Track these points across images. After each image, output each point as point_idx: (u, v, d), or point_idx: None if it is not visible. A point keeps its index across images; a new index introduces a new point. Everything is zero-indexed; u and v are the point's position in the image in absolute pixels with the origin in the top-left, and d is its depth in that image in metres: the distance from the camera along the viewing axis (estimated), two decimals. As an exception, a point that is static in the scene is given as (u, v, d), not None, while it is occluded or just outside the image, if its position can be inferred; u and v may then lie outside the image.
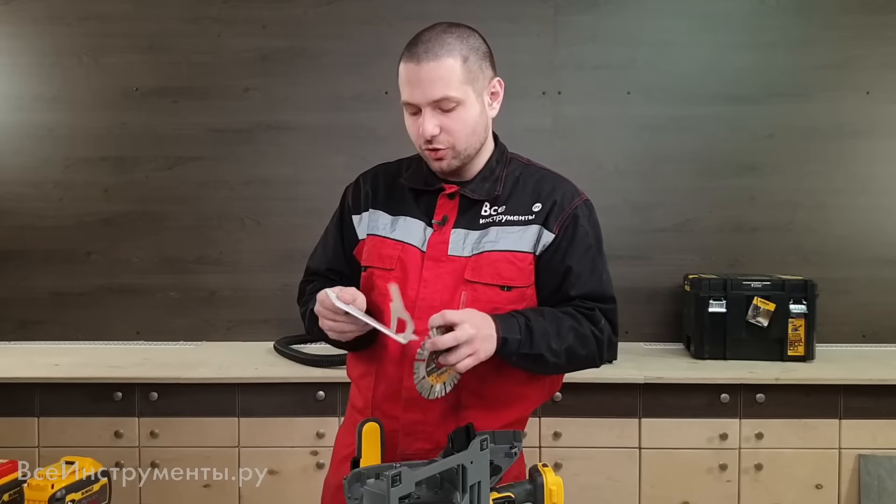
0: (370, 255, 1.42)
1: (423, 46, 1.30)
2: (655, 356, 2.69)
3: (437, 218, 1.39)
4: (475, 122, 1.35)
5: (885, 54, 2.86)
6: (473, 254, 1.36)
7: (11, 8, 2.91)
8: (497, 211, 1.39)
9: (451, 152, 1.35)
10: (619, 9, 2.89)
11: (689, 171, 2.90)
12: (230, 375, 2.42)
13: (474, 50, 1.34)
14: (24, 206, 2.93)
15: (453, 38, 1.32)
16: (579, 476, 2.35)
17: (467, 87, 1.32)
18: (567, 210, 1.39)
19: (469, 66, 1.32)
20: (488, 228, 1.37)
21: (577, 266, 1.38)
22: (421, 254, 1.37)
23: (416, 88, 1.30)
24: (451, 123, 1.32)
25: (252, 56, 2.91)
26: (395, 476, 0.91)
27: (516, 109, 2.91)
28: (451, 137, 1.33)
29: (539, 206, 1.39)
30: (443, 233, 1.38)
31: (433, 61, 1.29)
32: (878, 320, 2.89)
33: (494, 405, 1.38)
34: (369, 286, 1.40)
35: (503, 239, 1.36)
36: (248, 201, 2.94)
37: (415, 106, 1.32)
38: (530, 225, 1.37)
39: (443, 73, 1.29)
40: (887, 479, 2.33)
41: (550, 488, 1.14)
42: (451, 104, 1.31)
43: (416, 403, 1.34)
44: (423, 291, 1.35)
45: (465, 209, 1.39)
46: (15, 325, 2.95)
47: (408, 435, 1.35)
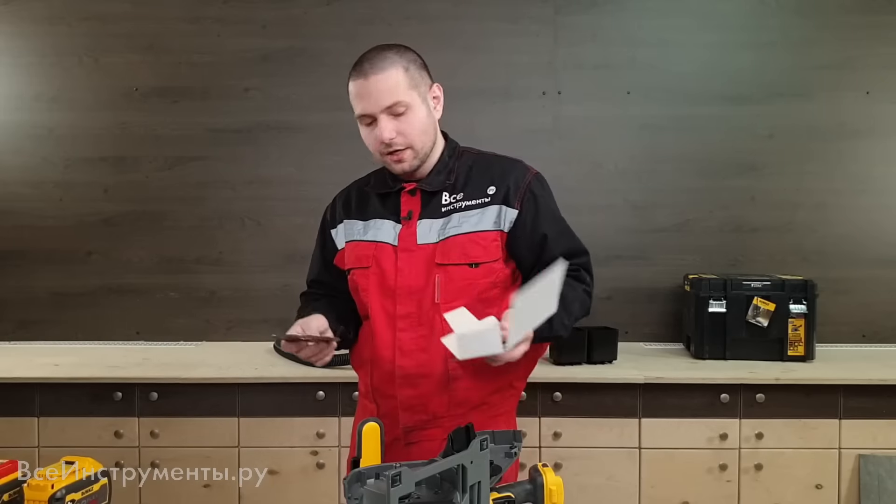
0: (350, 258, 1.58)
1: (368, 63, 1.47)
2: (655, 356, 2.68)
3: (403, 214, 1.54)
4: (425, 123, 1.51)
5: (884, 54, 2.86)
6: (440, 239, 1.50)
7: (11, 8, 2.91)
8: (456, 199, 1.54)
9: (409, 152, 1.50)
10: (619, 9, 2.89)
11: (690, 171, 2.90)
12: (230, 375, 2.42)
13: (412, 61, 1.50)
14: (24, 206, 2.93)
15: (392, 53, 1.49)
16: (579, 476, 2.35)
17: (413, 92, 1.48)
18: (522, 186, 1.54)
19: (411, 74, 1.49)
20: (450, 215, 1.52)
21: (551, 231, 1.54)
22: (393, 248, 1.52)
23: (367, 99, 1.46)
24: (404, 126, 1.48)
25: (252, 56, 2.91)
26: (395, 476, 0.91)
27: (516, 109, 2.93)
28: (406, 138, 1.48)
29: (493, 188, 1.53)
30: (410, 226, 1.53)
31: (379, 73, 1.45)
32: (878, 320, 2.89)
33: (480, 373, 1.50)
34: (354, 286, 1.58)
35: (465, 223, 1.51)
36: (248, 201, 2.94)
37: (369, 116, 1.48)
38: (488, 206, 1.52)
39: (390, 82, 1.46)
40: (887, 479, 2.33)
41: (550, 488, 1.14)
42: (402, 108, 1.47)
43: (408, 381, 1.51)
44: (400, 280, 1.50)
45: (427, 202, 1.54)
46: (15, 325, 2.95)
47: (406, 409, 1.51)
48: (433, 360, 1.49)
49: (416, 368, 1.49)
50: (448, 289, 1.48)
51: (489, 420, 1.52)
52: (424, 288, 1.49)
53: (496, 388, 1.56)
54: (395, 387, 1.51)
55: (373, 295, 1.52)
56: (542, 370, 2.44)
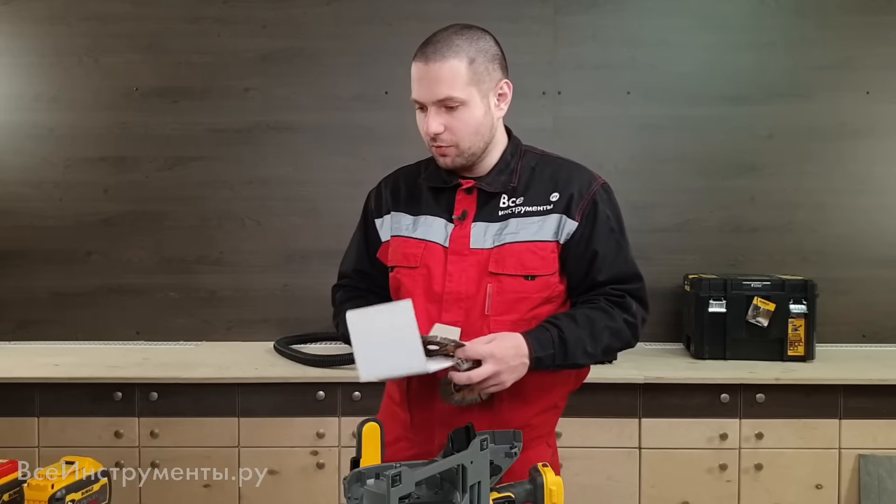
0: (395, 255, 1.47)
1: (433, 47, 1.36)
2: (655, 356, 2.68)
3: (456, 213, 1.43)
4: (479, 123, 1.39)
5: (885, 54, 2.86)
6: (495, 245, 1.40)
7: (11, 8, 2.91)
8: (515, 203, 1.42)
9: (454, 150, 1.39)
10: (619, 9, 2.89)
11: (690, 172, 2.90)
12: (230, 375, 2.42)
13: (483, 52, 1.38)
14: (24, 206, 2.93)
15: (462, 40, 1.37)
16: (579, 476, 2.35)
17: (472, 89, 1.36)
18: (586, 197, 1.43)
19: (475, 68, 1.36)
20: (508, 220, 1.41)
21: (603, 250, 1.42)
22: (444, 249, 1.42)
23: (422, 87, 1.36)
24: (454, 123, 1.37)
25: (252, 56, 2.91)
26: (395, 476, 0.91)
27: (516, 109, 2.88)
28: (454, 136, 1.38)
29: (557, 195, 1.42)
30: (463, 227, 1.42)
31: (439, 62, 1.34)
32: (878, 320, 2.89)
33: (525, 395, 1.41)
34: (396, 285, 1.47)
35: (523, 230, 1.40)
36: (248, 201, 2.94)
37: (419, 103, 1.38)
38: (549, 214, 1.41)
39: (447, 74, 1.34)
40: (887, 479, 2.33)
41: (550, 488, 1.14)
42: (455, 104, 1.35)
43: None
44: (448, 285, 1.40)
45: (484, 203, 1.43)
46: (15, 325, 2.95)
47: (444, 425, 1.36)
48: None
49: None
50: (499, 300, 1.38)
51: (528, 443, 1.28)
52: (475, 296, 1.38)
53: (541, 409, 1.46)
54: (435, 399, 1.39)
55: (417, 298, 1.39)
56: (542, 370, 2.45)
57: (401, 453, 1.38)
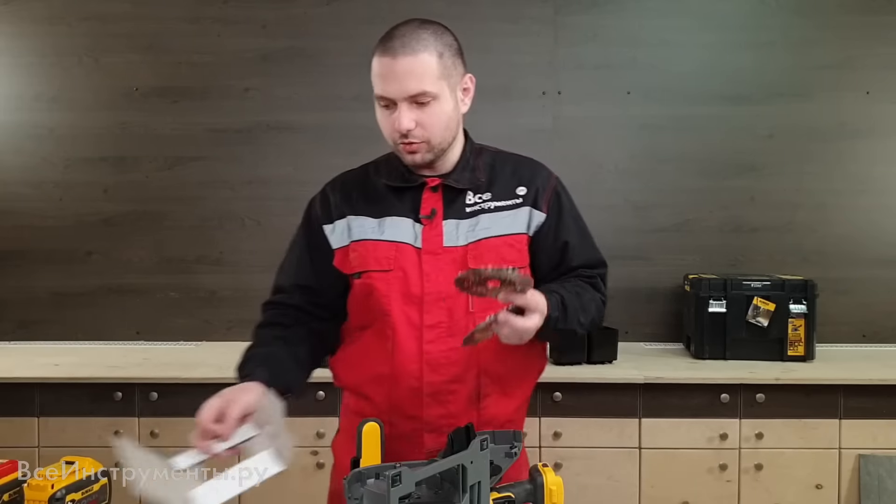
0: (363, 259, 1.40)
1: (399, 41, 1.32)
2: (655, 356, 2.68)
3: (424, 212, 1.40)
4: (449, 117, 1.37)
5: (885, 54, 2.86)
6: (469, 242, 1.38)
7: (11, 8, 2.91)
8: (482, 199, 1.42)
9: (425, 146, 1.36)
10: (619, 9, 2.89)
11: (690, 171, 2.90)
12: (230, 375, 2.40)
13: (448, 46, 1.36)
14: (24, 206, 2.93)
15: (428, 34, 1.34)
16: (579, 476, 2.35)
17: (442, 83, 1.34)
18: (548, 189, 1.45)
19: (444, 62, 1.34)
20: (478, 216, 1.40)
21: (573, 239, 1.44)
22: (416, 250, 1.38)
23: (391, 83, 1.32)
24: (426, 118, 1.34)
25: (252, 56, 2.91)
26: (395, 476, 0.91)
27: (516, 109, 2.92)
28: (426, 132, 1.35)
29: (523, 189, 1.43)
30: (434, 225, 1.39)
31: (410, 56, 1.31)
32: (878, 320, 2.89)
33: (508, 389, 1.42)
34: (366, 291, 1.40)
35: (496, 224, 1.40)
36: (248, 201, 2.94)
37: (389, 100, 1.34)
38: (519, 208, 1.42)
39: (419, 68, 1.31)
40: (887, 479, 2.33)
41: (550, 488, 1.14)
42: (427, 98, 1.32)
43: (437, 399, 1.36)
44: (427, 286, 1.36)
45: (450, 200, 1.41)
46: (15, 325, 2.94)
47: (432, 431, 1.36)
48: (465, 375, 1.37)
49: (446, 384, 1.36)
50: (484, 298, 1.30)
51: None
52: (456, 295, 1.34)
53: (519, 404, 1.46)
54: (421, 406, 1.36)
55: (394, 302, 1.36)
56: (542, 370, 2.45)
57: None
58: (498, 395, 1.40)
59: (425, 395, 1.36)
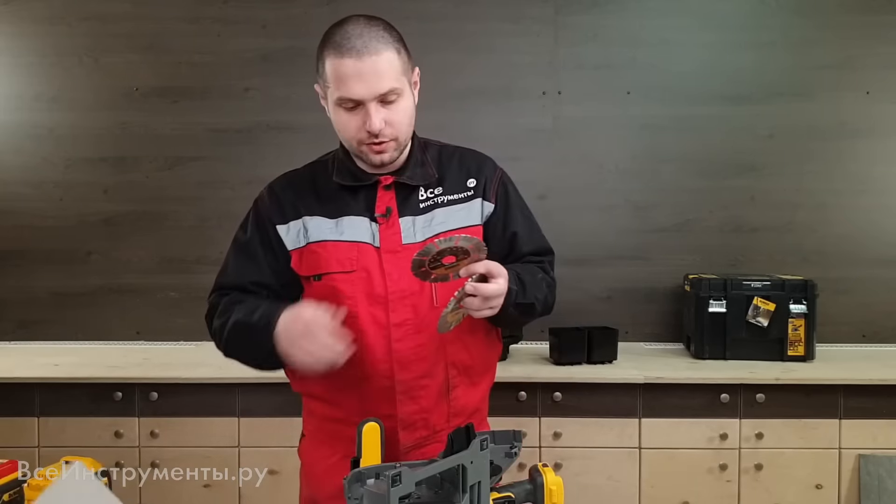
0: (324, 261, 1.38)
1: (360, 41, 1.28)
2: (655, 356, 2.68)
3: (380, 210, 1.39)
4: (412, 113, 1.38)
5: (885, 54, 2.86)
6: (427, 238, 1.38)
7: (11, 8, 2.91)
8: (434, 193, 1.42)
9: (393, 144, 1.36)
10: (619, 9, 2.89)
11: (690, 171, 2.90)
12: (230, 375, 2.42)
13: (400, 41, 1.35)
14: (24, 206, 2.93)
15: (383, 31, 1.32)
16: (579, 476, 2.35)
17: (403, 78, 1.34)
18: (494, 180, 1.47)
19: (402, 58, 1.34)
20: (432, 211, 1.40)
21: (521, 229, 1.47)
22: (375, 249, 1.38)
23: (358, 83, 1.29)
24: (393, 116, 1.33)
25: (252, 56, 2.91)
26: (395, 476, 0.91)
27: (516, 109, 2.92)
28: (394, 129, 1.34)
29: (473, 181, 1.45)
30: (391, 224, 1.39)
31: (374, 55, 1.28)
32: (878, 320, 2.89)
33: (474, 378, 1.45)
34: (328, 293, 1.36)
35: (451, 218, 1.41)
36: (248, 201, 2.88)
37: (354, 101, 1.31)
38: (472, 200, 1.43)
39: (385, 66, 1.29)
40: (887, 479, 2.33)
41: (550, 488, 1.14)
42: (394, 96, 1.32)
43: (409, 395, 1.37)
44: (391, 285, 1.36)
45: (404, 198, 1.41)
46: (15, 325, 2.95)
47: (406, 428, 1.38)
48: (434, 370, 1.38)
49: (417, 380, 1.37)
50: (445, 290, 1.35)
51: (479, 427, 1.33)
52: (420, 292, 1.36)
53: (484, 393, 1.50)
54: (394, 404, 1.37)
55: (360, 303, 1.35)
56: (542, 370, 2.45)
57: None
58: (465, 386, 1.43)
59: (398, 392, 1.37)
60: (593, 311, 2.84)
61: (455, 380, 1.41)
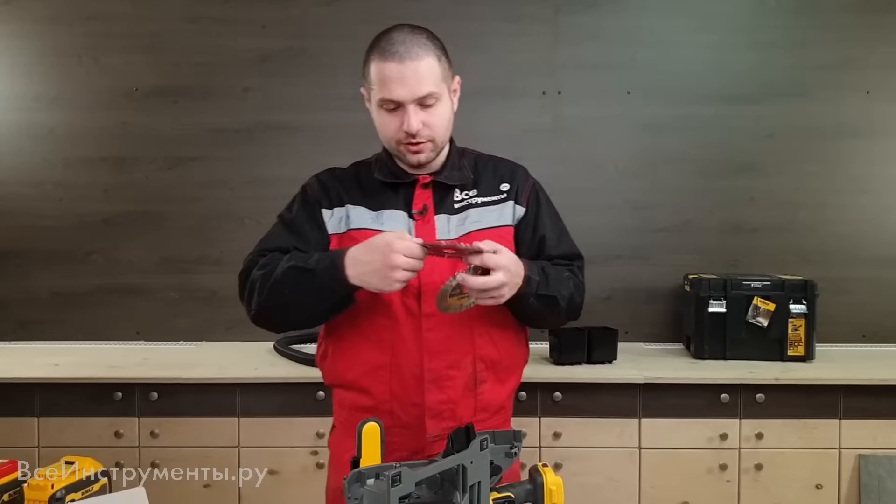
0: None
1: (403, 46, 1.39)
2: (655, 356, 2.68)
3: (417, 207, 1.48)
4: (450, 117, 1.48)
5: (885, 54, 2.86)
6: (460, 236, 1.47)
7: (11, 8, 2.91)
8: (469, 195, 1.52)
9: (430, 145, 1.45)
10: (619, 9, 2.89)
11: (690, 171, 2.90)
12: (230, 375, 2.42)
13: (442, 50, 1.45)
14: (24, 206, 2.93)
15: (425, 39, 1.43)
16: (579, 476, 2.35)
17: (443, 84, 1.44)
18: (527, 186, 1.57)
19: (442, 65, 1.44)
20: (467, 211, 1.50)
21: (550, 234, 1.55)
22: None
23: (399, 86, 1.39)
24: (431, 118, 1.43)
25: (252, 56, 2.91)
26: (395, 476, 0.91)
27: (516, 109, 2.92)
28: (431, 131, 1.44)
29: (507, 185, 1.55)
30: (427, 221, 1.48)
31: (416, 60, 1.39)
32: (878, 320, 2.89)
33: (501, 375, 1.51)
34: None
35: (485, 218, 1.50)
36: (248, 201, 2.94)
37: (395, 103, 1.41)
38: (505, 202, 1.53)
39: (426, 71, 1.40)
40: (887, 479, 2.33)
41: (550, 488, 1.14)
42: (433, 100, 1.41)
43: (437, 384, 1.44)
44: (424, 277, 1.41)
45: (440, 197, 1.50)
46: (15, 325, 2.95)
47: (434, 417, 1.44)
48: (462, 361, 1.45)
49: (445, 370, 1.44)
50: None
51: (503, 424, 1.53)
52: None
53: (511, 391, 1.56)
54: (422, 392, 1.43)
55: (394, 293, 1.41)
56: (542, 370, 2.45)
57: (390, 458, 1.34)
58: (493, 382, 1.49)
59: (426, 381, 1.43)
60: (593, 311, 2.83)
61: (482, 374, 1.47)
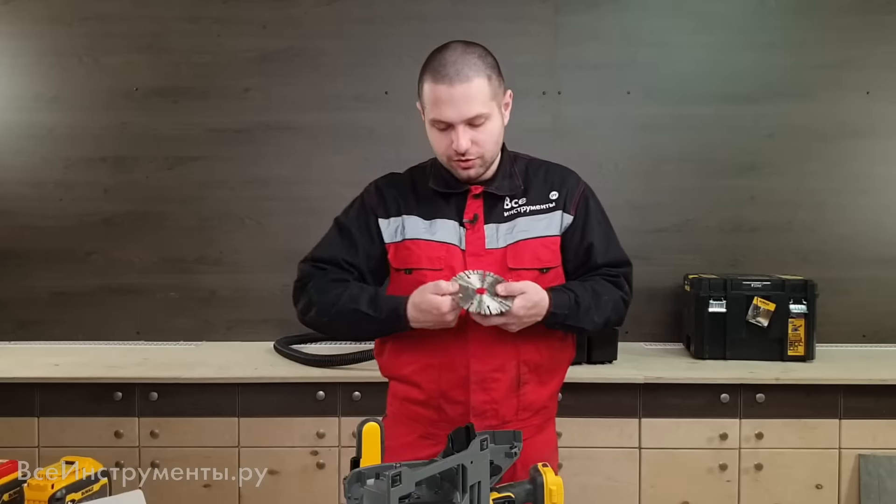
0: (417, 258, 1.53)
1: (454, 68, 1.42)
2: (655, 356, 2.68)
3: (468, 217, 1.53)
4: (499, 133, 1.51)
5: (885, 54, 2.86)
6: (508, 244, 1.52)
7: (11, 8, 2.91)
8: (518, 203, 1.55)
9: (479, 161, 1.49)
10: (619, 9, 2.89)
11: (690, 171, 2.90)
12: (230, 375, 2.42)
13: (493, 68, 1.48)
14: (24, 206, 2.93)
15: (476, 59, 1.45)
16: (579, 476, 2.35)
17: (492, 103, 1.47)
18: (577, 193, 1.58)
19: (493, 84, 1.46)
20: (515, 220, 1.54)
21: (598, 241, 1.58)
22: (461, 251, 1.52)
23: (450, 108, 1.43)
24: (480, 136, 1.46)
25: (252, 56, 2.91)
26: (395, 476, 0.91)
27: (516, 109, 2.87)
28: (480, 149, 1.47)
29: (556, 193, 1.57)
30: (476, 230, 1.52)
31: (465, 82, 1.42)
32: (878, 320, 2.89)
33: (543, 377, 1.56)
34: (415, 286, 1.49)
35: (533, 227, 1.53)
36: (248, 201, 2.94)
37: (445, 123, 1.45)
38: (553, 211, 1.55)
39: (475, 93, 1.43)
40: (887, 479, 2.33)
41: (550, 488, 1.14)
42: (482, 120, 1.45)
43: (482, 385, 1.50)
44: None
45: (491, 206, 1.54)
46: (15, 325, 2.94)
47: (478, 416, 1.50)
48: (506, 365, 1.51)
49: (489, 373, 1.50)
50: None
51: (545, 423, 1.59)
52: None
53: (553, 391, 1.60)
54: (468, 392, 1.50)
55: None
56: (542, 370, 2.45)
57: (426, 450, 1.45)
58: (535, 384, 1.54)
59: (472, 382, 1.50)
60: (593, 311, 2.84)
61: (525, 376, 1.53)
